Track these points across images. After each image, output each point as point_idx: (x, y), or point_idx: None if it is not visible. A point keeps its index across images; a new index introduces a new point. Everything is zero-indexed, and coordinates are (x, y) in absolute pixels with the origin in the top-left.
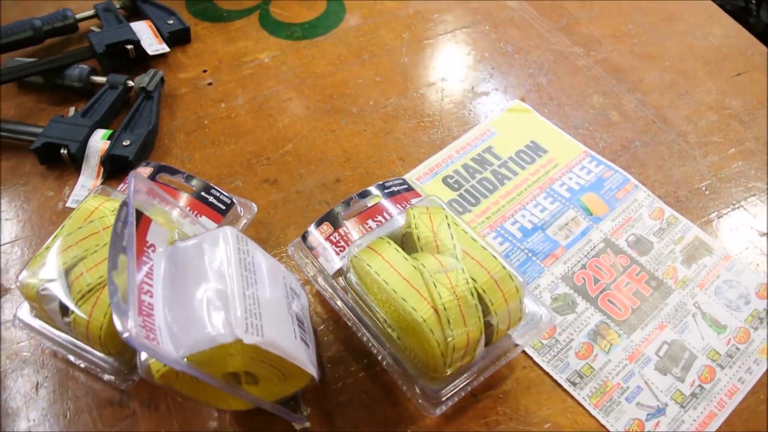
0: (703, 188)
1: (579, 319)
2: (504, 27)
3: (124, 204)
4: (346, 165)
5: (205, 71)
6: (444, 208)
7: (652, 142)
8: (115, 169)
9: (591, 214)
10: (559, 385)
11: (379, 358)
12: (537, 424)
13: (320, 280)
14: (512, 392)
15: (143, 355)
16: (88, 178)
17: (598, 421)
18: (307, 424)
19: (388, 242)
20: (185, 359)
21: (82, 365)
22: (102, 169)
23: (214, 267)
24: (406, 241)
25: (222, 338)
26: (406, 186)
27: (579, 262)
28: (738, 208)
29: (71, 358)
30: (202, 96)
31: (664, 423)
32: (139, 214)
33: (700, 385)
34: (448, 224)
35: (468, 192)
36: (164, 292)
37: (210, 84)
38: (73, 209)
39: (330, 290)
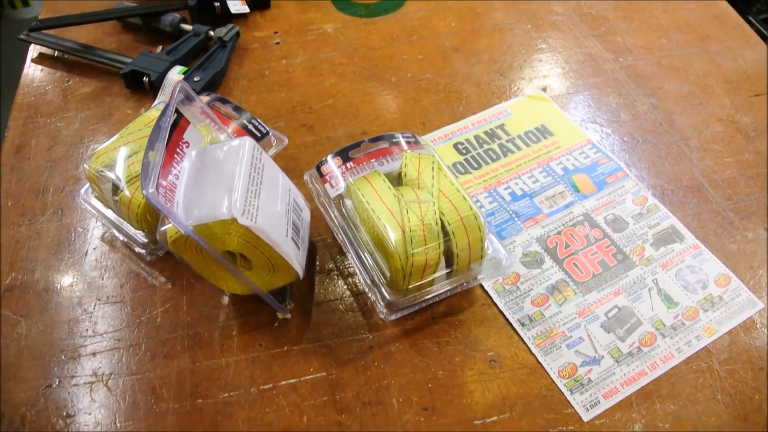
0: (692, 187)
1: (543, 274)
2: (545, 28)
3: (168, 104)
4: (374, 122)
5: (276, 32)
6: (434, 156)
7: (653, 140)
8: None
9: (578, 191)
10: (510, 324)
11: (356, 269)
12: (482, 351)
13: (323, 201)
14: (467, 322)
15: (162, 227)
16: (161, 104)
17: (537, 359)
18: (288, 315)
19: (379, 174)
20: (192, 227)
21: (122, 239)
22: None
23: (229, 165)
24: (399, 179)
25: (222, 215)
26: (413, 139)
27: (556, 228)
28: (722, 210)
29: (115, 232)
30: (268, 52)
31: (596, 371)
32: (180, 116)
33: (638, 347)
34: (433, 168)
35: (473, 158)
36: (189, 178)
37: (277, 43)
38: None
39: (328, 210)
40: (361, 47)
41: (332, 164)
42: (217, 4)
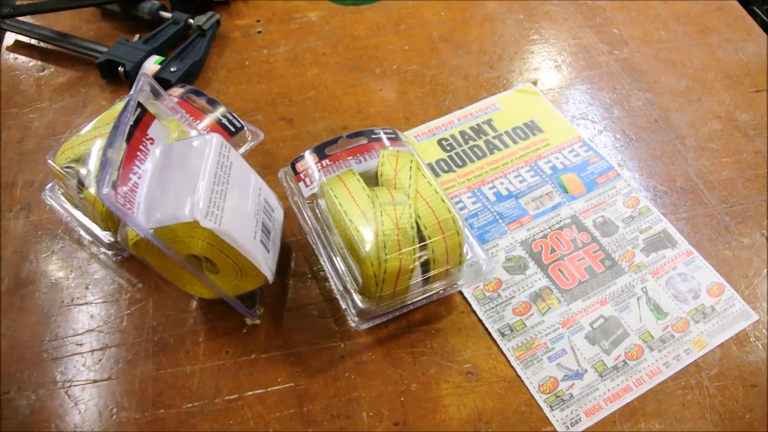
0: (686, 188)
1: (526, 281)
2: (538, 18)
3: (130, 99)
4: (356, 116)
5: (258, 21)
6: (413, 154)
7: (648, 138)
8: None
9: (566, 192)
10: (489, 334)
11: (328, 274)
12: (458, 362)
13: (297, 200)
14: (444, 331)
15: (124, 228)
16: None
17: (516, 372)
18: (257, 321)
19: (354, 173)
20: (152, 230)
21: (89, 238)
22: None
23: (195, 163)
24: (376, 178)
25: (183, 217)
26: (394, 135)
27: (542, 231)
28: (717, 214)
29: (81, 231)
30: (249, 41)
31: (579, 386)
32: (144, 111)
33: (624, 360)
34: (411, 167)
35: (457, 155)
36: (152, 176)
37: (259, 32)
38: None
39: (301, 210)
40: (346, 37)
41: (307, 161)
42: None
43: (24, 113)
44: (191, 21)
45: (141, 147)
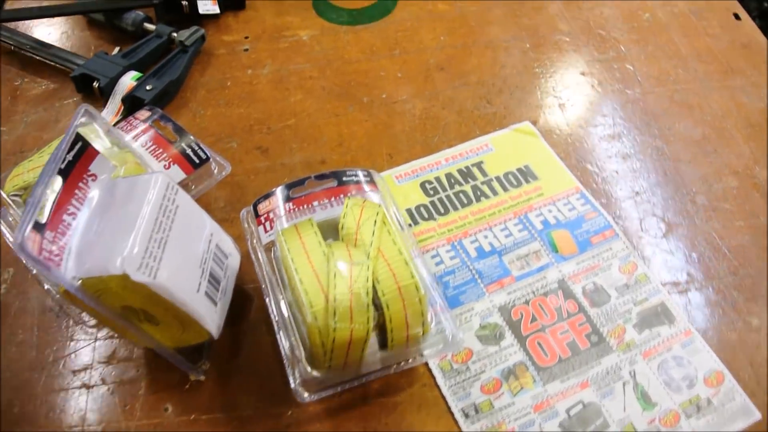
0: (691, 255)
1: (500, 353)
2: (545, 48)
3: (67, 132)
4: (336, 149)
5: (246, 38)
6: (380, 206)
7: (654, 194)
8: (133, 108)
9: (556, 252)
10: (452, 414)
11: (277, 334)
12: None
13: (255, 246)
14: (402, 405)
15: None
16: (109, 113)
17: None
18: (202, 378)
19: (311, 225)
20: (80, 281)
21: (34, 272)
22: (123, 107)
23: (134, 206)
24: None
25: (113, 269)
26: (368, 178)
27: (524, 296)
28: (725, 288)
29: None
30: (234, 59)
31: None
32: (86, 145)
33: None
34: (375, 221)
35: (441, 201)
36: (90, 217)
37: (246, 50)
38: None
39: (258, 257)
40: (336, 59)
41: (270, 203)
42: (185, 2)
43: None
44: (175, 35)
45: (80, 184)
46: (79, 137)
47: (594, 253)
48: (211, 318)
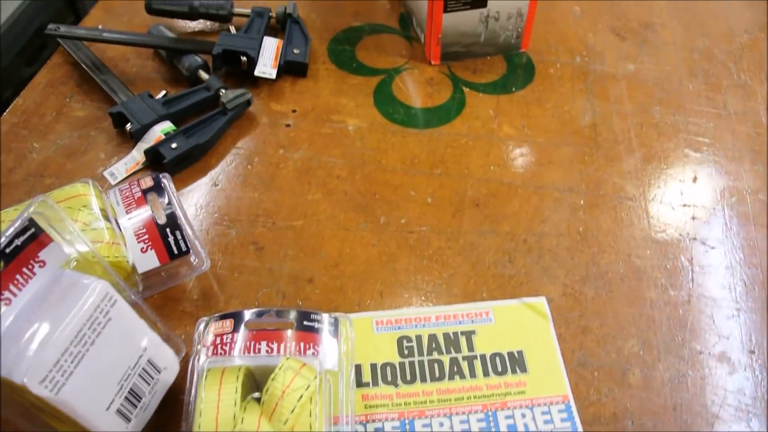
0: None
1: None
2: (600, 210)
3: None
4: (329, 269)
5: (294, 111)
6: (317, 377)
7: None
8: (154, 162)
9: None
10: None
11: None
12: None
13: (194, 365)
14: None
15: None
16: (131, 160)
17: None
18: None
19: (238, 376)
20: None
21: None
22: (145, 157)
23: (64, 309)
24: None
25: (15, 375)
26: (332, 328)
27: None
28: None
29: None
30: (272, 134)
31: None
32: (39, 231)
33: None
34: (302, 396)
35: (412, 365)
36: (26, 307)
37: (288, 126)
38: (105, 179)
39: (191, 379)
40: (372, 163)
41: (223, 327)
42: (243, 59)
43: (31, 139)
44: (222, 92)
45: (23, 270)
46: (32, 223)
47: None
48: None
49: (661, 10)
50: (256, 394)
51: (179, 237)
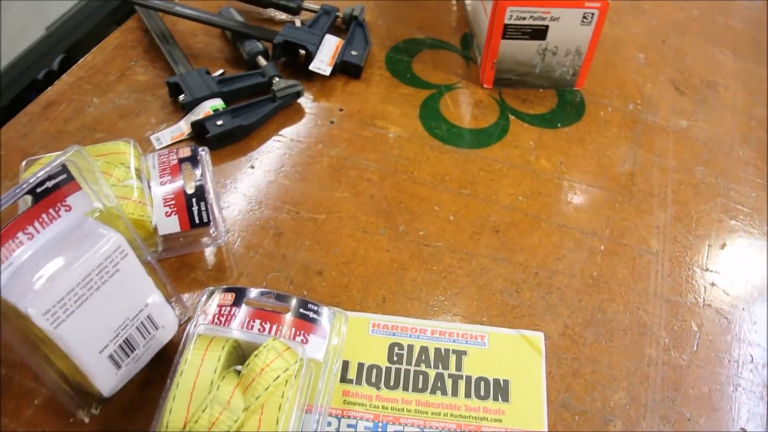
0: None
1: None
2: (618, 259)
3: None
4: (340, 266)
5: (341, 110)
6: (297, 362)
7: None
8: (198, 135)
9: None
10: None
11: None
12: None
13: (191, 328)
14: None
15: None
16: (177, 129)
17: None
18: (86, 420)
19: (224, 346)
20: None
21: None
22: (191, 129)
23: (78, 253)
24: None
25: (21, 304)
26: (329, 321)
27: None
28: None
29: None
30: (315, 128)
31: None
32: (70, 178)
33: None
34: (279, 376)
35: (397, 372)
36: (46, 245)
37: (332, 123)
38: (150, 142)
39: (188, 342)
40: (404, 172)
41: (224, 299)
42: (302, 52)
43: (92, 94)
44: (276, 80)
45: (50, 210)
46: (64, 169)
47: None
48: (106, 378)
49: (727, 71)
50: (239, 367)
51: (203, 208)
